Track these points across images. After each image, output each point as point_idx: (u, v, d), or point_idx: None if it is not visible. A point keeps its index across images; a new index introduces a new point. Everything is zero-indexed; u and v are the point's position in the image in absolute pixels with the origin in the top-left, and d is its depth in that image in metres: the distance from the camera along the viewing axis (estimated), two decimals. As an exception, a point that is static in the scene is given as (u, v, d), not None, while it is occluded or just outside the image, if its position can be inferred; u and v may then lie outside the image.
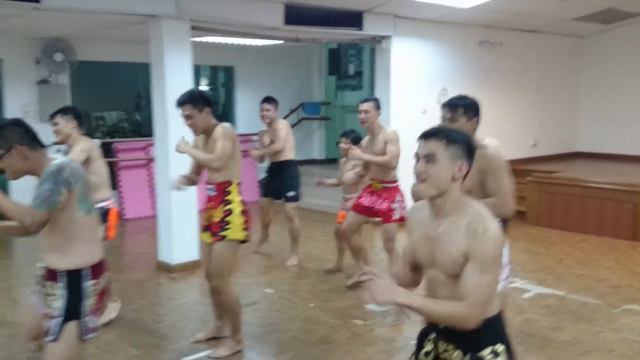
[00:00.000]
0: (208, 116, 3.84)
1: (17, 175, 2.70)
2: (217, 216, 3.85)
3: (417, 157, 2.09)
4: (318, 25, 6.78)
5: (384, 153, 4.96)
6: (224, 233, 3.82)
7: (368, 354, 4.11)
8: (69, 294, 2.68)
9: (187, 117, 3.80)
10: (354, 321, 4.65)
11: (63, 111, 4.51)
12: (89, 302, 2.72)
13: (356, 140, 5.44)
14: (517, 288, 5.39)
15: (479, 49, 8.67)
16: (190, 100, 3.79)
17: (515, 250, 6.66)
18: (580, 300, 5.08)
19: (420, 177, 2.06)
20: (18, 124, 2.72)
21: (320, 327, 4.53)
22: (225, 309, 4.03)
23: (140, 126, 11.08)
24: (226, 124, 3.91)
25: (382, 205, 5.05)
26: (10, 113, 7.70)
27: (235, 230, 3.84)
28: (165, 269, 6.00)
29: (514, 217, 7.76)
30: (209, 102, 3.87)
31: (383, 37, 7.58)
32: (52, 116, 4.48)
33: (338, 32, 7.04)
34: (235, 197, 3.89)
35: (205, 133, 3.89)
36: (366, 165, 5.19)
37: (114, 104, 11.20)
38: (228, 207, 3.85)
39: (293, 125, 10.44)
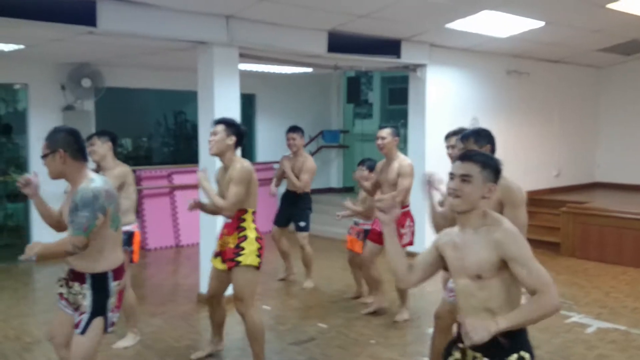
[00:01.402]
0: (231, 144, 3.96)
1: (54, 176, 3.01)
2: (232, 242, 3.95)
3: (453, 175, 2.37)
4: (358, 53, 6.71)
5: (395, 182, 5.09)
6: (238, 259, 3.91)
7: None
8: (96, 293, 2.99)
9: (213, 133, 3.95)
10: (422, 359, 4.47)
11: (100, 134, 4.72)
12: (112, 300, 3.05)
13: (372, 168, 5.57)
14: (577, 323, 5.27)
15: (508, 78, 8.67)
16: (225, 122, 4.00)
17: (560, 284, 6.57)
18: (647, 336, 4.97)
19: (455, 194, 2.34)
20: (72, 133, 3.04)
21: (390, 366, 4.35)
22: (249, 334, 4.05)
23: (152, 153, 10.92)
24: (245, 163, 3.97)
25: None
26: (35, 139, 7.49)
27: (248, 256, 3.92)
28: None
29: (547, 249, 7.72)
30: (240, 135, 4.00)
31: (418, 66, 7.53)
32: (90, 138, 4.55)
33: (376, 59, 6.97)
34: (249, 225, 4.00)
35: (223, 160, 4.02)
36: (375, 188, 5.35)
37: (134, 131, 11.06)
38: (242, 233, 3.96)
39: (313, 154, 10.36)
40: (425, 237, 7.63)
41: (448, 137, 4.24)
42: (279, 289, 6.42)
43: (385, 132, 5.18)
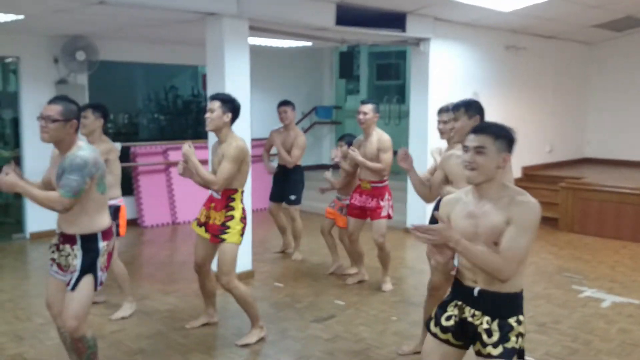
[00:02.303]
0: (227, 121, 4.02)
1: (52, 140, 3.07)
2: (219, 219, 4.08)
3: (467, 148, 2.43)
4: (365, 26, 6.59)
5: (375, 157, 5.23)
6: (223, 236, 4.05)
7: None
8: (86, 253, 3.13)
9: (210, 110, 3.98)
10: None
11: (94, 107, 4.69)
12: (102, 260, 3.18)
13: (350, 144, 5.62)
14: (591, 297, 5.32)
15: (506, 53, 8.65)
16: (221, 98, 4.02)
17: (565, 259, 6.65)
18: (661, 309, 5.05)
19: (470, 166, 2.40)
20: (79, 106, 3.19)
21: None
22: (240, 302, 4.19)
23: (144, 128, 10.68)
24: (240, 142, 4.03)
25: (372, 203, 5.29)
26: (27, 114, 7.22)
27: (233, 235, 4.07)
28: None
29: (545, 224, 7.78)
30: (235, 111, 4.06)
31: (421, 40, 7.44)
32: (83, 109, 4.44)
33: (382, 33, 6.86)
34: (238, 205, 4.11)
35: (218, 136, 4.08)
36: (355, 165, 5.44)
37: (127, 106, 10.77)
38: (230, 212, 4.07)
39: (306, 130, 10.24)
40: (408, 212, 7.67)
41: (441, 112, 4.32)
42: (287, 266, 6.35)
43: (367, 108, 5.25)
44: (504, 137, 2.43)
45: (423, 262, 5.94)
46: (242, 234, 4.13)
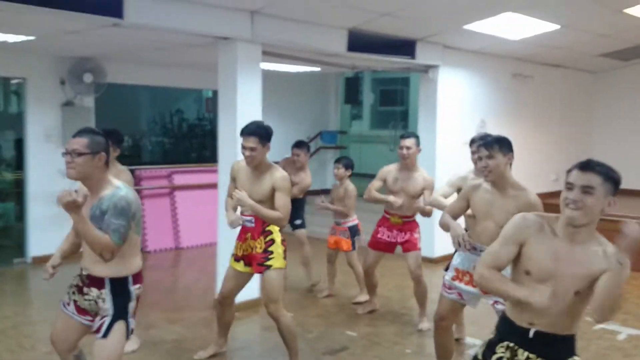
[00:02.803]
0: (267, 152, 3.95)
1: (80, 177, 2.86)
2: (259, 247, 3.98)
3: (572, 185, 2.25)
4: (376, 52, 6.58)
5: (418, 194, 5.08)
6: (269, 263, 3.97)
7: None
8: (116, 297, 2.93)
9: (250, 149, 3.86)
10: (465, 368, 4.36)
11: (109, 134, 4.20)
12: (133, 304, 2.99)
13: (348, 166, 5.72)
14: (606, 329, 5.22)
15: (513, 81, 8.65)
16: (258, 134, 3.87)
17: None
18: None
19: (577, 205, 2.22)
20: (107, 137, 3.00)
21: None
22: (284, 334, 4.07)
23: (149, 152, 10.62)
24: (285, 173, 3.96)
25: (405, 237, 5.17)
26: (32, 135, 7.15)
27: (278, 259, 3.99)
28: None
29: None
30: (270, 138, 3.97)
31: (430, 67, 7.44)
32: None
33: (392, 60, 6.85)
34: (275, 228, 4.01)
35: (257, 168, 3.95)
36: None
37: (133, 129, 10.74)
38: (269, 237, 3.99)
39: (312, 155, 10.18)
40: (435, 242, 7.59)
41: (474, 143, 4.28)
42: (295, 294, 6.23)
43: (410, 142, 5.08)
44: (613, 180, 2.28)
45: (433, 291, 5.86)
46: (285, 257, 4.05)
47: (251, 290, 5.58)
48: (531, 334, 2.35)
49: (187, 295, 6.06)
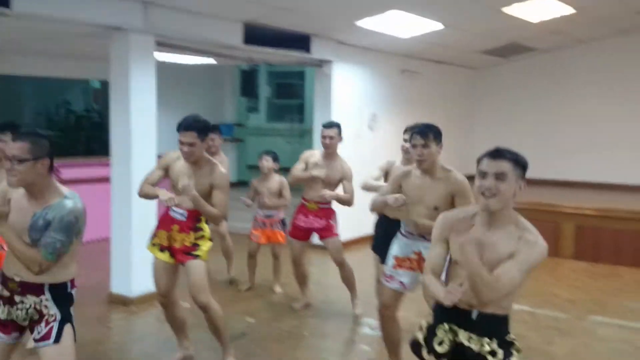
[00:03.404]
0: (205, 147, 3.87)
1: (22, 184, 2.65)
2: (188, 241, 3.88)
3: (484, 174, 2.37)
4: (272, 46, 6.69)
5: (336, 183, 5.15)
6: (197, 253, 3.88)
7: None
8: (59, 301, 2.75)
9: (189, 145, 3.69)
10: (362, 347, 4.60)
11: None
12: (72, 308, 2.83)
13: (276, 159, 5.73)
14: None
15: (402, 77, 9.07)
16: (197, 128, 3.72)
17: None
18: (550, 315, 5.48)
19: (491, 192, 2.34)
20: (52, 139, 2.76)
21: (332, 357, 4.43)
22: (215, 323, 3.97)
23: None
24: (223, 170, 3.88)
25: (320, 223, 5.20)
26: None
27: (204, 253, 3.92)
28: (120, 301, 5.48)
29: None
30: (208, 132, 3.90)
31: (324, 62, 7.66)
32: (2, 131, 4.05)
33: (288, 54, 6.99)
34: (204, 225, 3.94)
35: (196, 163, 3.82)
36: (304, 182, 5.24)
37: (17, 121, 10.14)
38: (200, 233, 3.90)
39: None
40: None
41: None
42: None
43: (333, 132, 5.09)
44: (522, 164, 2.40)
45: (329, 277, 6.11)
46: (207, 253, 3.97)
47: (146, 284, 5.54)
48: (474, 315, 2.43)
49: (80, 292, 5.88)
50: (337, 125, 5.16)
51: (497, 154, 2.40)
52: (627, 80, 9.78)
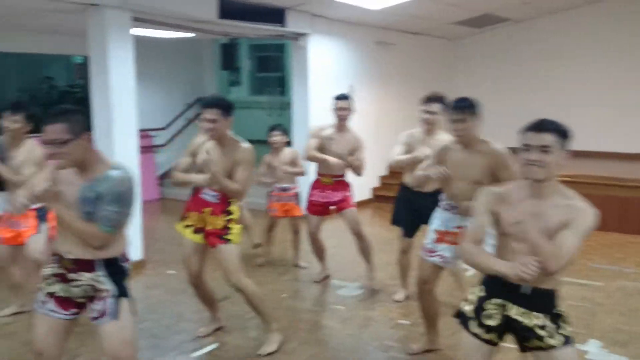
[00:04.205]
0: (229, 125, 3.81)
1: (75, 164, 2.58)
2: (220, 224, 3.88)
3: (529, 147, 2.42)
4: (247, 20, 6.83)
5: (348, 154, 5.09)
6: (228, 237, 3.89)
7: (363, 334, 4.40)
8: (114, 276, 2.70)
9: (211, 121, 3.70)
10: (335, 307, 4.88)
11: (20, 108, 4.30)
12: (128, 281, 2.79)
13: (285, 132, 5.78)
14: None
15: (377, 48, 9.24)
16: (220, 105, 3.74)
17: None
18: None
19: (538, 164, 2.40)
20: (83, 110, 2.67)
21: (305, 315, 4.71)
22: (252, 302, 4.00)
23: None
24: (249, 146, 3.83)
25: (337, 195, 5.21)
26: None
27: (236, 236, 3.93)
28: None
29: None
30: (231, 111, 3.84)
31: (300, 35, 7.81)
32: (14, 111, 4.20)
33: (263, 27, 7.14)
34: (235, 208, 3.96)
35: (220, 142, 3.81)
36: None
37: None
38: (230, 217, 3.91)
39: (191, 121, 10.33)
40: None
41: (429, 102, 4.44)
42: (179, 254, 6.47)
43: (347, 103, 5.08)
44: (565, 134, 2.44)
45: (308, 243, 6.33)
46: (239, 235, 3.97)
47: (134, 251, 5.77)
48: (527, 290, 2.46)
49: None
50: (350, 97, 5.18)
51: (540, 126, 2.44)
52: (603, 46, 10.00)
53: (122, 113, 5.62)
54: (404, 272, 5.06)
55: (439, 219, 3.79)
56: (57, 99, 10.78)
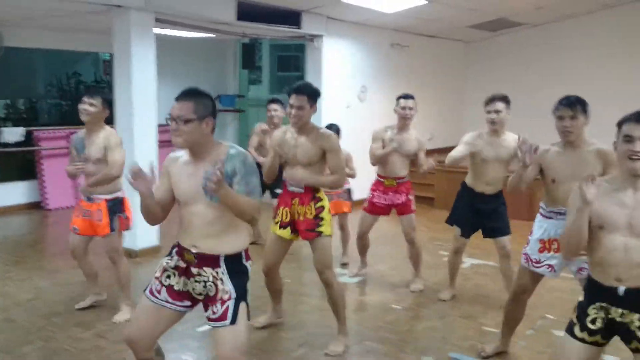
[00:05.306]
0: (313, 113, 3.83)
1: (188, 145, 2.61)
2: (310, 213, 3.87)
3: (631, 137, 2.43)
4: (264, 22, 7.19)
5: (412, 155, 5.18)
6: (320, 229, 3.88)
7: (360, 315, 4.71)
8: (235, 276, 2.66)
9: (298, 108, 3.71)
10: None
11: (97, 93, 4.42)
12: (248, 283, 2.73)
13: (338, 132, 5.64)
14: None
15: (391, 50, 9.54)
16: (308, 93, 3.74)
17: (438, 231, 7.61)
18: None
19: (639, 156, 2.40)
20: (211, 97, 2.73)
21: (306, 298, 5.03)
22: (334, 300, 3.98)
23: (48, 113, 10.77)
24: (332, 133, 3.86)
25: (401, 198, 5.23)
26: None
27: (327, 226, 3.91)
28: (127, 254, 6.09)
29: (423, 203, 8.63)
30: (318, 100, 3.85)
31: (315, 36, 8.15)
32: (92, 95, 4.32)
33: (279, 29, 7.49)
34: (323, 194, 3.95)
35: (302, 129, 3.82)
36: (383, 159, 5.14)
37: (29, 92, 10.79)
38: (319, 204, 3.89)
39: (209, 117, 10.70)
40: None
41: (494, 101, 4.49)
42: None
43: (413, 102, 5.15)
44: None
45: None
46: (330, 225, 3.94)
47: (150, 237, 6.19)
48: (621, 292, 2.45)
49: (93, 244, 6.52)
50: (413, 97, 5.19)
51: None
52: (618, 51, 10.10)
53: (143, 108, 6.02)
54: (453, 272, 5.14)
55: (540, 228, 3.65)
56: (84, 93, 11.33)
